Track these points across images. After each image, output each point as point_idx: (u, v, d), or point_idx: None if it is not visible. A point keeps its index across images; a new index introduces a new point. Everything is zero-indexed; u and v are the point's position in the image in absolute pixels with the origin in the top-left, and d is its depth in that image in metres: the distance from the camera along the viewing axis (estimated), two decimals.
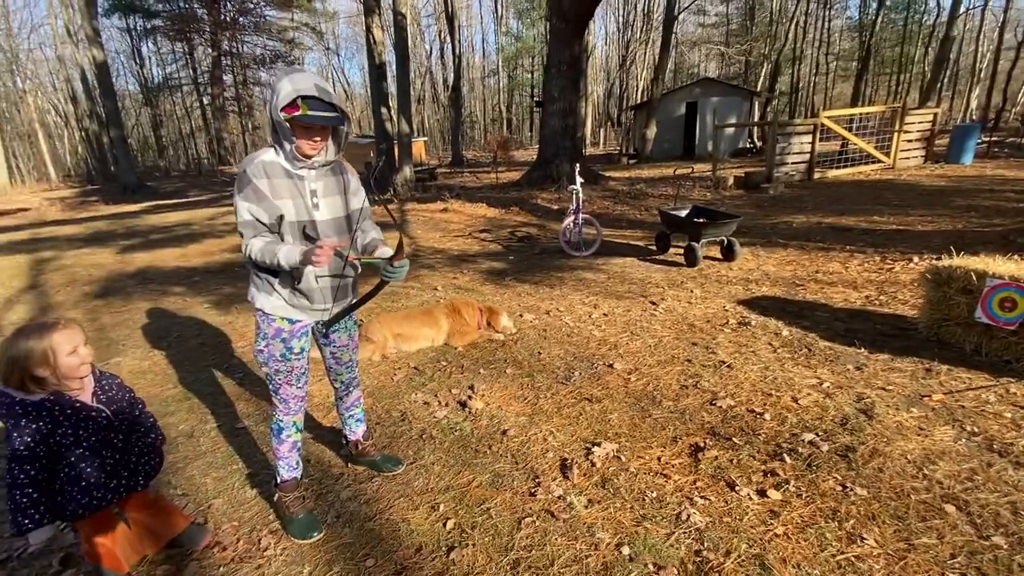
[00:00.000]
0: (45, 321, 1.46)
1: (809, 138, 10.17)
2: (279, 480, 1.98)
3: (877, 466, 2.11)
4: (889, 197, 8.12)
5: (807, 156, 10.25)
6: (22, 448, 1.39)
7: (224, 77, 30.17)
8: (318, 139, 1.67)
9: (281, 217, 1.66)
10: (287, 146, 1.66)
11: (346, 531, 1.96)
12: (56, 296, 5.58)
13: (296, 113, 1.58)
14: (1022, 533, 1.72)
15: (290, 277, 1.73)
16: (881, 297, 4.04)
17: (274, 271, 1.73)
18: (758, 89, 25.30)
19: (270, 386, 1.89)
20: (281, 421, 1.92)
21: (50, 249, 8.17)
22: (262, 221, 1.66)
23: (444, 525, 1.94)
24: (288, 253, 1.61)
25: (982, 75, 32.21)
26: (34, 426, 1.40)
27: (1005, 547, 1.68)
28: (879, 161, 10.92)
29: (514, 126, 46.98)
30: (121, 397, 1.67)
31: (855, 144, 10.75)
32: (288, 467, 1.97)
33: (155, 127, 36.26)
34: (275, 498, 2.00)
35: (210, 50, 29.35)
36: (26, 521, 1.41)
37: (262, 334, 1.81)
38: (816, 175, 10.38)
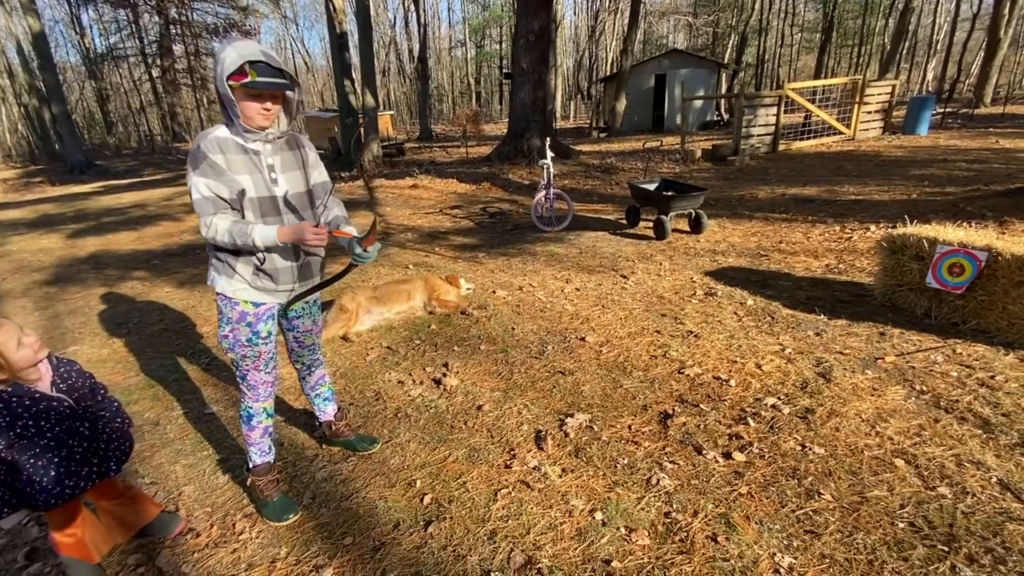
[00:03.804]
0: None
1: (774, 110, 10.32)
2: (251, 465, 1.96)
3: (834, 426, 2.22)
4: (849, 168, 8.36)
5: (772, 128, 10.43)
6: None
7: (174, 48, 28.46)
8: (269, 106, 1.60)
9: (242, 192, 1.61)
10: (236, 120, 1.59)
11: (323, 511, 1.96)
12: (4, 284, 5.28)
13: (245, 80, 1.51)
14: (965, 483, 1.85)
15: (253, 257, 1.67)
16: (840, 265, 4.20)
17: (235, 251, 1.67)
18: (725, 61, 25.43)
19: (237, 373, 1.84)
20: (251, 408, 1.88)
21: None
22: (222, 197, 1.59)
23: (421, 500, 1.97)
24: (264, 233, 1.57)
25: (938, 47, 33.12)
26: None
27: (950, 496, 1.80)
28: (840, 132, 11.20)
29: (483, 99, 46.05)
30: (82, 384, 1.60)
31: (818, 116, 10.97)
32: (260, 452, 1.95)
33: (101, 102, 34.07)
34: (248, 483, 1.98)
35: (157, 18, 27.55)
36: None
37: (225, 319, 1.75)
38: (781, 147, 10.59)
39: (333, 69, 14.23)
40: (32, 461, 1.41)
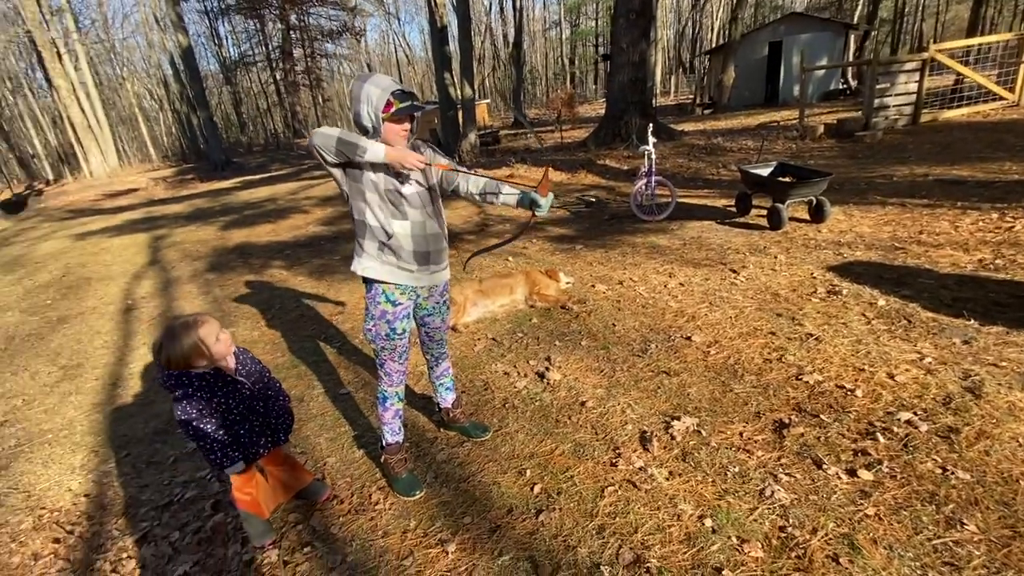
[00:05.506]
0: (187, 321, 1.69)
1: (916, 76, 9.02)
2: (384, 443, 2.22)
3: (983, 449, 2.00)
4: (1011, 141, 7.14)
5: (913, 97, 9.13)
6: (197, 411, 1.69)
7: (294, 51, 31.25)
8: (407, 126, 1.84)
9: (374, 181, 1.83)
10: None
11: (444, 490, 2.17)
12: (174, 271, 6.28)
13: (392, 110, 1.75)
14: None
15: (384, 234, 1.88)
16: (997, 261, 3.66)
17: (361, 231, 1.91)
18: (855, 20, 22.54)
19: (377, 361, 2.10)
20: (385, 391, 2.14)
21: (162, 227, 9.12)
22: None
23: (531, 489, 2.10)
24: (375, 147, 1.71)
25: None
26: (199, 394, 1.69)
27: None
28: (1001, 98, 9.53)
29: (577, 79, 45.17)
30: (254, 369, 1.92)
31: (972, 80, 9.42)
32: (392, 432, 2.20)
33: (236, 104, 38.51)
34: (381, 459, 2.25)
35: (280, 24, 30.35)
36: (232, 455, 1.76)
37: (370, 315, 2.01)
38: (924, 118, 9.27)
39: (433, 62, 14.82)
40: (224, 431, 1.74)
